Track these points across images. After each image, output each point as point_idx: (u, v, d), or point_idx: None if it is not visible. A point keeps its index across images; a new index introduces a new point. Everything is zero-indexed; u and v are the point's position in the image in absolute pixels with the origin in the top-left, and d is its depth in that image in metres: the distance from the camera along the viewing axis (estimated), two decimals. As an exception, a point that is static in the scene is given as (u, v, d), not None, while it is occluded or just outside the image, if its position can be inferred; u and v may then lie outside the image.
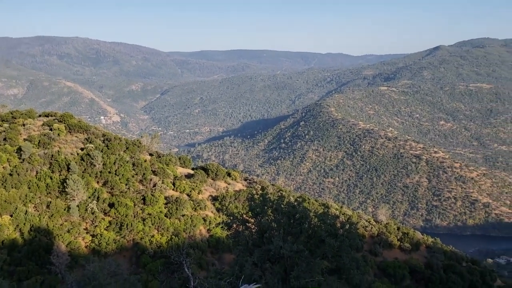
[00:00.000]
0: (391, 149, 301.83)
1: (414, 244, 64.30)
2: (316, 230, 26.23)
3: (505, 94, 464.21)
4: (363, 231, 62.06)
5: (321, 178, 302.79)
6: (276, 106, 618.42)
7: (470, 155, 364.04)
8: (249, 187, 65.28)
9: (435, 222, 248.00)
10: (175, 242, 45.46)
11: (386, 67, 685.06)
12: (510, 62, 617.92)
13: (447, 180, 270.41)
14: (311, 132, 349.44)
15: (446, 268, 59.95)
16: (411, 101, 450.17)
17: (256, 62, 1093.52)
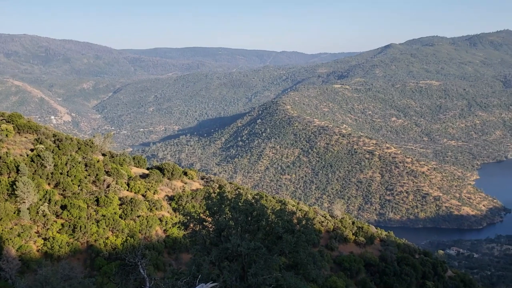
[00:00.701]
0: (345, 146, 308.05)
1: (369, 238, 65.77)
2: (273, 227, 26.36)
3: (453, 91, 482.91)
4: (320, 227, 62.94)
5: (278, 175, 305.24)
6: (233, 104, 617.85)
7: (421, 150, 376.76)
8: (206, 186, 64.88)
9: (388, 216, 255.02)
10: (130, 244, 44.58)
11: (339, 65, 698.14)
12: (458, 60, 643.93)
13: (399, 175, 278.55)
14: (267, 130, 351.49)
15: (400, 260, 61.71)
16: (364, 98, 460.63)
17: (211, 60, 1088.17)
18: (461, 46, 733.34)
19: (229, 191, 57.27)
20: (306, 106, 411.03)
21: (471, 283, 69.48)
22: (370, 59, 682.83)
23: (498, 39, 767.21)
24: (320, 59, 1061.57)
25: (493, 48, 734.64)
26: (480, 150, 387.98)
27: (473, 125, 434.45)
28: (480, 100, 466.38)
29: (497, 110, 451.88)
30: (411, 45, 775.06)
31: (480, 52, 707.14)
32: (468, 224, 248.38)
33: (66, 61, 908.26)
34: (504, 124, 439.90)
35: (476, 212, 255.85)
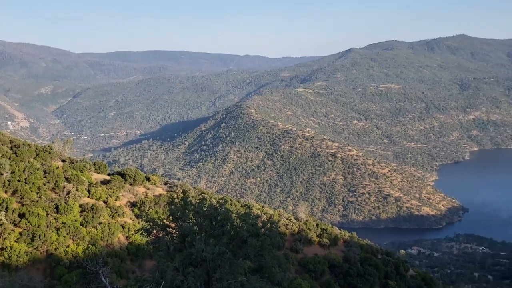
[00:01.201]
0: (309, 148, 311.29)
1: (333, 239, 66.42)
2: (238, 231, 26.36)
3: (412, 94, 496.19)
4: (284, 229, 63.18)
5: (243, 179, 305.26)
6: (196, 108, 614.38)
7: (381, 152, 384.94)
8: (169, 191, 64.08)
9: (351, 217, 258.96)
10: (92, 251, 43.48)
11: (302, 69, 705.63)
12: (416, 64, 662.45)
13: (361, 177, 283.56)
14: (232, 134, 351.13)
15: (363, 261, 62.60)
16: (326, 102, 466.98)
17: (174, 64, 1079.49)
18: (419, 51, 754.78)
19: (193, 196, 56.74)
20: (270, 109, 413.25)
21: (432, 281, 71.24)
22: (332, 63, 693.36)
23: (454, 43, 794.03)
24: (283, 63, 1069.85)
25: (449, 52, 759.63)
26: (438, 151, 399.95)
27: (432, 127, 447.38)
28: (438, 103, 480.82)
29: (454, 113, 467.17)
30: (371, 50, 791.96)
31: (438, 56, 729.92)
32: (428, 224, 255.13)
33: (23, 65, 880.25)
34: (461, 126, 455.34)
35: (436, 212, 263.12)
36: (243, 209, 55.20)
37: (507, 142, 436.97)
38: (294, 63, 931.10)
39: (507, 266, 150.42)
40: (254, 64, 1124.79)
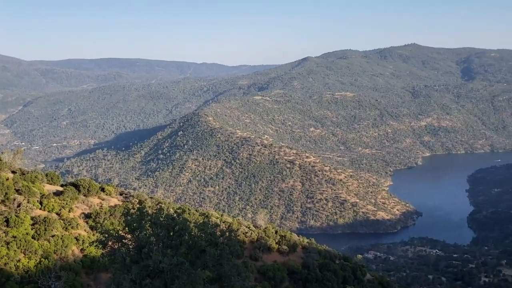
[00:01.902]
0: (267, 156, 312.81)
1: (291, 246, 66.69)
2: (196, 241, 26.08)
3: (366, 102, 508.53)
4: (244, 237, 62.95)
5: (201, 188, 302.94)
6: (152, 116, 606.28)
7: (338, 158, 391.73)
8: (125, 202, 62.66)
9: (309, 223, 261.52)
10: (44, 265, 41.84)
11: (259, 77, 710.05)
12: (370, 72, 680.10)
13: (319, 183, 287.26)
14: (189, 142, 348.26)
15: (321, 266, 63.14)
16: (284, 110, 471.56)
17: (129, 71, 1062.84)
18: (373, 59, 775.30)
19: (149, 206, 55.80)
20: (228, 117, 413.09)
21: (389, 284, 72.68)
22: (289, 71, 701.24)
23: (406, 52, 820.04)
24: (241, 71, 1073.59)
25: (401, 61, 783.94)
26: (392, 157, 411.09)
27: (385, 134, 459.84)
28: (391, 110, 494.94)
29: (407, 119, 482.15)
30: (327, 58, 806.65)
31: (390, 64, 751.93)
32: (383, 228, 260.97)
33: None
34: (413, 132, 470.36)
35: (391, 216, 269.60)
36: (201, 218, 54.70)
37: (457, 147, 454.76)
38: (251, 71, 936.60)
39: (460, 268, 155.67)
40: (212, 72, 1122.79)
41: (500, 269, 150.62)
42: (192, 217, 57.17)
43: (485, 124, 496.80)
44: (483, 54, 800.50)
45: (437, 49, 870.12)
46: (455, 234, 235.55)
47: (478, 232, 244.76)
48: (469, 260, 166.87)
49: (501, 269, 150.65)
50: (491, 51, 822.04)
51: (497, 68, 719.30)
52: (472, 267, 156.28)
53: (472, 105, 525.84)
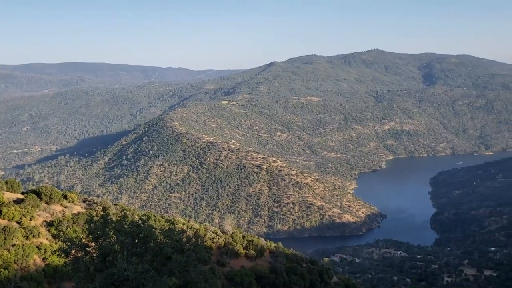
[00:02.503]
0: (234, 161, 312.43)
1: (259, 251, 66.68)
2: (162, 248, 25.73)
3: (331, 106, 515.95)
4: (211, 243, 62.51)
5: (167, 194, 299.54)
6: (116, 121, 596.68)
7: (304, 162, 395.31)
8: (88, 209, 61.25)
9: (276, 228, 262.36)
10: (4, 276, 40.37)
11: (226, 82, 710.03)
12: (335, 77, 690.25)
13: (286, 187, 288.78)
14: (155, 147, 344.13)
15: (289, 270, 63.36)
16: (250, 114, 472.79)
17: (92, 76, 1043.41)
18: (337, 64, 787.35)
19: (114, 213, 54.72)
20: (194, 122, 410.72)
21: (355, 287, 73.60)
22: (255, 76, 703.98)
23: (369, 57, 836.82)
24: (207, 76, 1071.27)
25: (365, 66, 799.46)
26: (357, 160, 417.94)
27: (350, 138, 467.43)
28: (356, 115, 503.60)
29: (371, 123, 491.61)
30: (292, 63, 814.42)
31: (354, 70, 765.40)
32: (349, 231, 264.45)
33: None
34: (377, 136, 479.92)
35: (356, 219, 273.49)
36: (167, 224, 53.98)
37: (419, 150, 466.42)
38: (217, 75, 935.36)
39: (423, 269, 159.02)
40: (177, 76, 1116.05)
41: (462, 269, 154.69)
42: (158, 224, 56.37)
43: (446, 128, 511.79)
44: (444, 60, 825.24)
45: (399, 54, 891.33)
46: (419, 236, 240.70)
47: (441, 233, 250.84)
48: (432, 261, 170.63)
49: (462, 269, 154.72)
50: (451, 57, 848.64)
51: (457, 73, 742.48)
52: (435, 267, 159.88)
53: (434, 109, 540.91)
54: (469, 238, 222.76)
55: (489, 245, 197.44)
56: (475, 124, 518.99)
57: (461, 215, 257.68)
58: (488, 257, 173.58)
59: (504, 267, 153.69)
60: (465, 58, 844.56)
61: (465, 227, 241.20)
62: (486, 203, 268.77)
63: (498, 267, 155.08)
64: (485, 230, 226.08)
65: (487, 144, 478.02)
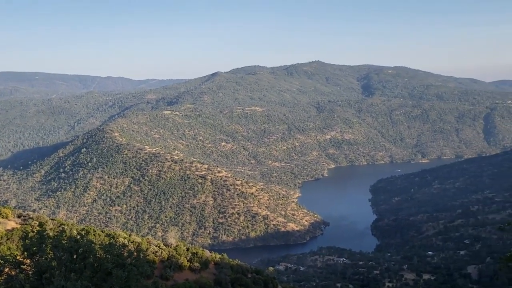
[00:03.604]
0: (178, 172, 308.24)
1: (203, 263, 65.99)
2: (102, 263, 24.94)
3: (275, 116, 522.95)
4: (153, 257, 61.09)
5: (108, 207, 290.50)
6: (53, 133, 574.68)
7: (249, 172, 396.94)
8: (24, 225, 58.29)
9: (221, 239, 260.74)
10: None
11: (168, 91, 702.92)
12: (278, 88, 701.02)
13: (231, 197, 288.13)
14: (94, 159, 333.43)
15: (234, 281, 63.04)
16: (194, 124, 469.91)
17: (27, 86, 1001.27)
18: (280, 75, 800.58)
19: (51, 228, 52.38)
20: (135, 133, 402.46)
21: (300, 295, 74.20)
22: (199, 86, 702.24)
23: (311, 69, 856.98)
24: (149, 85, 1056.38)
25: (307, 77, 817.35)
26: (300, 169, 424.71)
27: (294, 147, 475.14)
28: (298, 124, 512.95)
29: (313, 133, 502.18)
30: (236, 74, 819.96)
31: (296, 80, 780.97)
32: (293, 239, 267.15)
33: None
34: (319, 146, 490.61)
35: (300, 227, 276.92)
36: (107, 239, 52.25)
37: (359, 159, 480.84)
38: (160, 85, 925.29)
39: (365, 275, 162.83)
40: (117, 86, 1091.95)
41: (402, 273, 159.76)
42: (97, 239, 54.46)
43: (384, 137, 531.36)
44: (381, 71, 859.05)
45: (339, 66, 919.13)
46: (361, 242, 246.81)
47: (381, 239, 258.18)
48: (374, 267, 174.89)
49: (403, 273, 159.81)
50: (388, 68, 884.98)
51: (394, 84, 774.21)
52: (377, 273, 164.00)
53: (372, 119, 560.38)
54: (408, 243, 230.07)
55: (427, 249, 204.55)
56: (412, 133, 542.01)
57: (400, 221, 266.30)
58: (426, 261, 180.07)
59: (441, 271, 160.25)
60: (402, 70, 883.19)
61: (404, 233, 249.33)
62: (424, 209, 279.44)
63: (436, 270, 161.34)
64: (423, 235, 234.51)
65: (423, 152, 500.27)
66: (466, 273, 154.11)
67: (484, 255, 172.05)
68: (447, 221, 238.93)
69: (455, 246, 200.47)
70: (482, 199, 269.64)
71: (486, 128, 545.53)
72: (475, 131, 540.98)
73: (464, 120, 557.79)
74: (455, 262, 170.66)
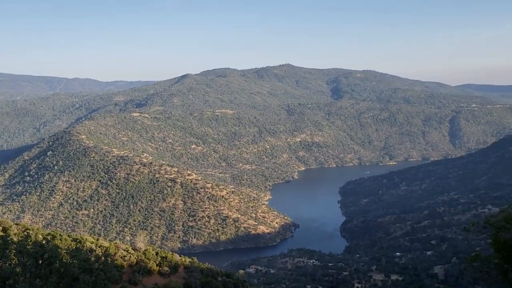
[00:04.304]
0: (147, 175, 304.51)
1: (173, 267, 65.27)
2: (68, 268, 24.26)
3: (246, 119, 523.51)
4: (122, 261, 59.96)
5: (74, 211, 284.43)
6: (18, 135, 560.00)
7: (219, 175, 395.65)
8: (-15, 229, 56.23)
9: (191, 242, 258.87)
10: None
11: (137, 93, 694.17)
12: (248, 90, 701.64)
13: (201, 200, 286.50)
14: (60, 162, 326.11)
15: (204, 285, 62.53)
16: (164, 127, 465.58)
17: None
18: (251, 78, 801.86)
19: (15, 234, 50.76)
20: (103, 135, 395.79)
21: (270, 297, 74.20)
22: (168, 88, 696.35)
23: (281, 72, 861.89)
24: (117, 87, 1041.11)
25: (277, 80, 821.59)
26: (271, 172, 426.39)
27: (264, 150, 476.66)
28: (269, 127, 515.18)
29: (283, 136, 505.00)
30: (206, 76, 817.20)
31: (267, 83, 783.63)
32: (264, 242, 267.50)
33: None
34: (289, 148, 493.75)
35: (271, 230, 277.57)
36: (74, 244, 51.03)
37: (329, 161, 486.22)
38: (128, 87, 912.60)
39: (335, 276, 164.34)
40: (85, 88, 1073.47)
41: (371, 274, 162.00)
42: (64, 243, 53.06)
43: (353, 139, 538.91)
44: (350, 75, 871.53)
45: (309, 69, 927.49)
46: (330, 244, 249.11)
47: (350, 241, 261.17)
48: (343, 268, 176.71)
49: (371, 274, 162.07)
50: (357, 72, 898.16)
51: (363, 87, 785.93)
52: (346, 274, 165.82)
53: (341, 122, 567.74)
54: (377, 244, 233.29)
55: (395, 250, 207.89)
56: (380, 136, 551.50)
57: (368, 223, 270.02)
58: (394, 262, 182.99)
59: (409, 271, 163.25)
60: (369, 73, 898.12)
61: (373, 234, 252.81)
62: (391, 211, 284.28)
63: (403, 271, 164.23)
64: (391, 236, 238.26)
65: (391, 155, 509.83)
66: (432, 273, 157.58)
67: (450, 255, 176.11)
68: (414, 222, 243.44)
69: (422, 247, 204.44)
70: (448, 201, 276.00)
71: (452, 130, 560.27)
72: (441, 134, 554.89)
73: (431, 123, 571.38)
74: (422, 263, 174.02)
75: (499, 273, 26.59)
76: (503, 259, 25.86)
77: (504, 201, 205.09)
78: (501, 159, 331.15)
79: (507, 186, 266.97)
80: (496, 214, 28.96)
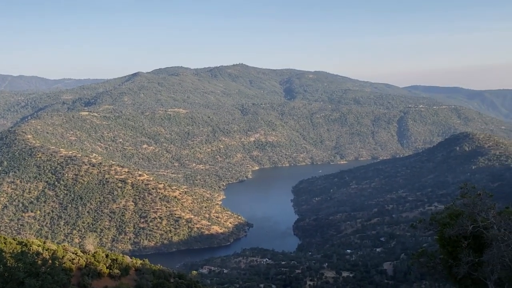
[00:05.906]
0: (96, 175, 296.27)
1: (124, 269, 63.76)
2: (13, 272, 22.99)
3: (199, 118, 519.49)
4: (70, 264, 57.92)
5: (20, 213, 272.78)
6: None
7: (172, 175, 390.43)
8: None
9: (143, 244, 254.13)
10: None
11: (86, 91, 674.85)
12: (202, 90, 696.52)
13: (153, 201, 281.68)
14: (4, 163, 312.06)
15: (156, 287, 61.48)
16: (114, 126, 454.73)
17: None
18: (204, 77, 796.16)
19: (-47, 237, 48.07)
20: (50, 135, 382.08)
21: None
22: (118, 86, 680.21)
23: (235, 71, 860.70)
24: (64, 85, 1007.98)
25: (231, 80, 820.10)
26: (225, 172, 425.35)
27: (218, 150, 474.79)
28: (223, 127, 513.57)
29: (237, 135, 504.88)
30: (158, 74, 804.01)
31: (221, 83, 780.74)
32: (217, 242, 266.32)
33: None
34: (243, 148, 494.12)
35: (224, 230, 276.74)
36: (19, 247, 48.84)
37: (282, 160, 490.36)
38: (76, 85, 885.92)
39: (288, 274, 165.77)
40: (31, 86, 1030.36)
41: (323, 272, 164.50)
42: (8, 247, 50.73)
43: (306, 139, 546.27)
44: (303, 76, 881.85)
45: (263, 69, 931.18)
46: (283, 242, 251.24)
47: (303, 239, 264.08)
48: (296, 266, 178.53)
49: (323, 272, 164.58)
50: (309, 73, 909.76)
51: (315, 88, 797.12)
52: (299, 272, 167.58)
53: (294, 122, 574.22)
54: (328, 242, 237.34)
55: (345, 248, 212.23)
56: (331, 136, 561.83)
57: (320, 221, 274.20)
58: (345, 259, 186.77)
59: (359, 268, 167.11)
60: (321, 74, 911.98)
61: (324, 232, 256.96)
62: (342, 209, 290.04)
63: (354, 268, 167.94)
64: (342, 234, 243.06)
65: (341, 154, 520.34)
66: (382, 269, 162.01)
67: (398, 251, 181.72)
68: (364, 220, 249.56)
69: (372, 244, 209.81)
70: (396, 198, 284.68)
71: (400, 130, 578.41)
72: (390, 134, 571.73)
73: (380, 123, 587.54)
74: (372, 259, 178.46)
75: (444, 268, 27.46)
76: (448, 254, 26.76)
77: (449, 199, 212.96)
78: (447, 158, 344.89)
79: (452, 184, 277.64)
80: (441, 211, 29.94)
